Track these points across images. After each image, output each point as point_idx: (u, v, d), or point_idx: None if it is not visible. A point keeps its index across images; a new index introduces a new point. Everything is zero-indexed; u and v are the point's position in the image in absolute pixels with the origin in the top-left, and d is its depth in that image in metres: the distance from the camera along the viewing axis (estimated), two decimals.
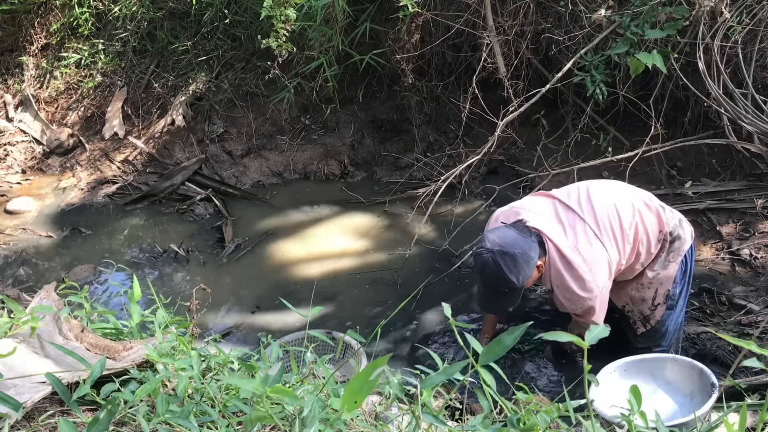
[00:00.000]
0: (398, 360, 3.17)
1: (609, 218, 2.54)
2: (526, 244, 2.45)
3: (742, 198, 4.00)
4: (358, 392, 1.10)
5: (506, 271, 2.42)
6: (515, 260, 2.41)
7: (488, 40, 4.25)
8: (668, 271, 2.68)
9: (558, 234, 2.52)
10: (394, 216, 4.61)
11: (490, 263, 2.44)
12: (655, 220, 2.62)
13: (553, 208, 2.62)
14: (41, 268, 4.39)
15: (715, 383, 2.18)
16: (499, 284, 2.48)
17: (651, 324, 2.79)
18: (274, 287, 3.95)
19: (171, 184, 5.19)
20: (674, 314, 2.79)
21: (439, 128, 5.25)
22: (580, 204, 2.59)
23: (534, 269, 2.48)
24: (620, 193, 2.65)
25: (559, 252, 2.50)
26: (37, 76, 6.50)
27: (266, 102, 5.45)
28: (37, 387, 1.35)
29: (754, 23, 3.76)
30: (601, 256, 2.50)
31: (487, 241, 2.49)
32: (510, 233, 2.48)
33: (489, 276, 2.48)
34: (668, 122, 4.25)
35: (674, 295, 2.74)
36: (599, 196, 2.61)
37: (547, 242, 2.51)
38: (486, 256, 2.45)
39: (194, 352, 1.45)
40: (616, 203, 2.58)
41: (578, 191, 2.66)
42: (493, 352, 1.20)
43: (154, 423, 1.20)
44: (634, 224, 2.56)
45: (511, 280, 2.43)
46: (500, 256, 2.42)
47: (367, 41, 4.90)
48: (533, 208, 2.63)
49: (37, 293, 1.89)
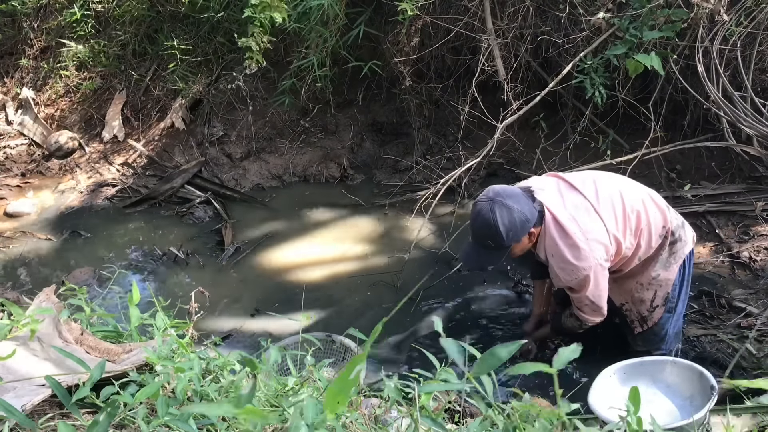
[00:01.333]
0: (397, 363, 3.17)
1: (612, 201, 2.54)
2: (528, 207, 2.45)
3: (742, 201, 4.00)
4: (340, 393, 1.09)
5: (499, 224, 2.40)
6: (512, 216, 2.41)
7: (487, 44, 4.26)
8: (669, 273, 2.68)
9: (557, 205, 2.52)
10: (394, 219, 4.61)
11: (486, 211, 2.43)
12: (659, 215, 2.61)
13: (556, 185, 2.64)
14: (41, 270, 4.39)
15: (715, 386, 2.17)
16: (488, 236, 2.45)
17: (648, 325, 2.79)
18: (273, 290, 3.95)
19: (170, 187, 5.19)
20: (673, 318, 2.79)
21: (438, 131, 5.26)
22: (585, 185, 2.60)
23: (526, 235, 2.47)
24: (628, 184, 2.67)
25: (555, 220, 2.49)
26: (36, 79, 6.50)
27: (266, 105, 5.45)
28: (36, 390, 1.35)
29: (753, 26, 3.77)
30: (599, 229, 2.49)
31: (490, 191, 2.49)
32: (516, 191, 2.50)
33: (480, 223, 2.46)
34: (667, 125, 4.26)
35: (673, 298, 2.73)
36: (606, 183, 2.62)
37: (546, 214, 2.50)
38: (484, 203, 2.45)
39: (194, 355, 1.45)
40: (621, 190, 2.59)
41: (585, 176, 2.68)
42: (487, 364, 1.20)
43: (153, 426, 1.20)
44: (636, 211, 2.55)
45: (501, 235, 2.41)
46: (498, 206, 2.41)
47: (366, 44, 4.90)
48: (537, 185, 2.64)
49: (37, 296, 1.89)
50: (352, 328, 1.58)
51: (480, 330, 3.39)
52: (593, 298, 2.57)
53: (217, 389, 1.40)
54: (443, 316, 3.52)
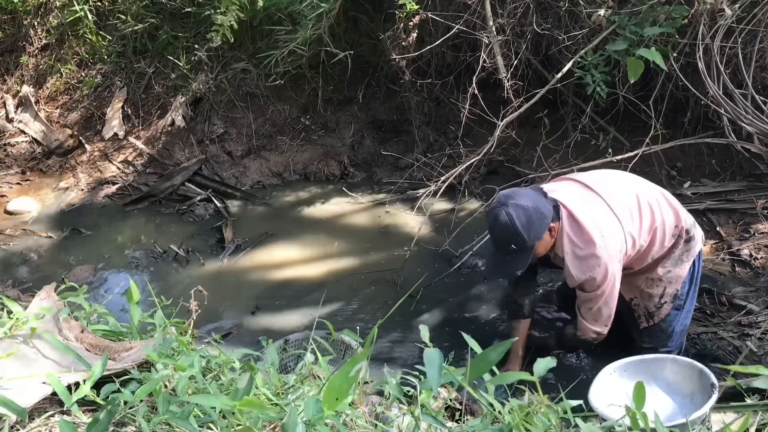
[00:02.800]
0: (398, 361, 3.17)
1: (627, 199, 2.55)
2: (541, 203, 2.44)
3: (742, 198, 4.00)
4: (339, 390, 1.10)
5: (518, 225, 2.39)
6: (528, 214, 2.40)
7: (488, 41, 4.25)
8: (680, 270, 2.67)
9: (572, 201, 2.52)
10: (394, 216, 4.61)
11: (502, 216, 2.42)
12: (672, 214, 2.61)
13: (568, 186, 2.64)
14: (41, 268, 4.39)
15: (715, 384, 2.17)
16: (510, 240, 2.44)
17: (654, 320, 2.79)
18: (273, 288, 3.95)
19: (171, 185, 5.19)
20: (681, 315, 2.78)
21: (438, 129, 5.25)
22: (599, 184, 2.60)
23: (546, 231, 2.46)
24: (641, 183, 2.68)
25: (571, 216, 2.48)
26: (36, 77, 6.50)
27: (266, 102, 5.44)
28: (37, 388, 1.35)
29: (754, 23, 3.76)
30: (614, 227, 2.48)
31: (501, 196, 2.49)
32: (526, 191, 2.50)
33: (500, 230, 2.45)
34: (668, 122, 4.25)
35: (682, 295, 2.73)
36: (620, 181, 2.63)
37: (562, 208, 2.50)
38: (499, 209, 2.44)
39: (195, 352, 1.45)
40: (635, 189, 2.59)
41: (599, 174, 2.69)
42: (479, 368, 1.20)
43: (154, 423, 1.20)
44: (651, 209, 2.56)
45: (522, 236, 2.40)
46: (513, 208, 2.40)
47: (366, 41, 4.89)
48: (549, 187, 2.65)
49: (37, 294, 1.89)
50: (347, 330, 1.58)
51: (480, 328, 3.39)
52: (601, 303, 2.56)
53: (217, 387, 1.40)
54: (443, 315, 3.53)
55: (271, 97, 5.47)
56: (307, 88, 5.34)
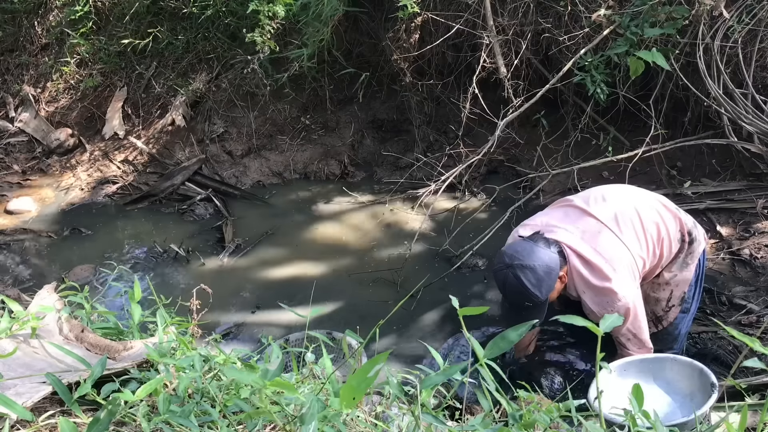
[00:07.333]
0: (398, 360, 3.17)
1: (630, 218, 2.50)
2: (546, 255, 2.38)
3: (742, 198, 4.00)
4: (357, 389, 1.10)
5: (528, 285, 2.35)
6: (535, 272, 2.34)
7: (488, 40, 4.25)
8: (685, 273, 2.65)
9: (576, 240, 2.46)
10: (395, 216, 4.61)
11: (510, 279, 2.37)
12: (674, 221, 2.58)
13: (569, 216, 2.57)
14: (41, 268, 4.39)
15: (715, 383, 2.17)
16: (523, 299, 2.40)
17: (663, 325, 2.76)
18: (274, 287, 3.95)
19: (171, 184, 5.19)
20: (687, 317, 2.76)
21: (439, 128, 5.25)
22: (598, 207, 2.54)
23: (557, 280, 2.41)
24: (638, 195, 2.63)
25: (579, 257, 2.43)
26: (37, 76, 6.50)
27: (266, 102, 5.44)
28: (37, 387, 1.35)
29: (754, 23, 3.76)
30: (623, 255, 2.44)
31: (504, 257, 2.42)
32: (527, 245, 2.42)
33: (511, 292, 2.41)
34: (668, 122, 4.25)
35: (689, 298, 2.71)
36: (617, 199, 2.57)
37: (566, 250, 2.44)
38: (505, 272, 2.39)
39: (196, 352, 1.45)
40: (635, 204, 2.55)
41: (595, 195, 2.62)
42: (498, 347, 1.20)
43: (154, 423, 1.20)
44: (654, 223, 2.52)
45: (535, 294, 2.36)
46: (520, 269, 2.35)
47: (367, 41, 4.89)
48: (549, 221, 2.57)
49: (38, 293, 1.89)
50: (349, 330, 1.58)
51: (479, 326, 3.39)
52: (634, 329, 2.51)
53: (218, 386, 1.40)
54: (443, 315, 3.53)
55: (272, 97, 5.47)
56: (308, 87, 5.34)
